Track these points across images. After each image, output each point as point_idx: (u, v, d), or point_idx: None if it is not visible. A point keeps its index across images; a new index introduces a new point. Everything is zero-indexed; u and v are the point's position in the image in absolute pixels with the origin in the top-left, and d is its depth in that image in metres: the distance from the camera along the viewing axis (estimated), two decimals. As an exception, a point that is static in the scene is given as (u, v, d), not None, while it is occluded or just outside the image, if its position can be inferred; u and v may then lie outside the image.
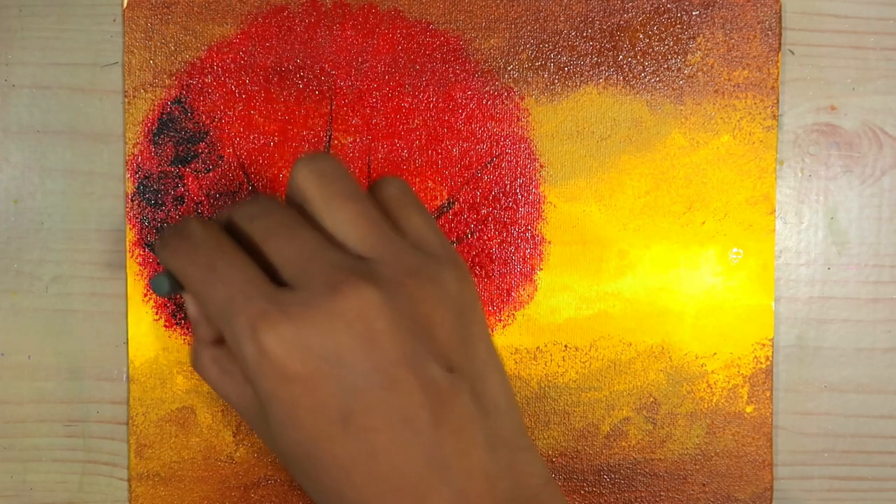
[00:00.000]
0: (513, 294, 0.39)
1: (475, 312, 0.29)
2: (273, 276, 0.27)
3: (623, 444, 0.39)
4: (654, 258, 0.39)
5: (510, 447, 0.28)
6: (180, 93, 0.39)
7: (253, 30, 0.39)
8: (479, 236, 0.39)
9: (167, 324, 0.39)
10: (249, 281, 0.27)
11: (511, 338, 0.39)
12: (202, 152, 0.39)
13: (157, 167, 0.39)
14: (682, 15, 0.39)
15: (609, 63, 0.39)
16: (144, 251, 0.39)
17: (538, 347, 0.39)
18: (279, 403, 0.26)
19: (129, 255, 0.39)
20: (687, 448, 0.39)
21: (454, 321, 0.28)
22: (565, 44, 0.39)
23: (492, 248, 0.39)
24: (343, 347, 0.26)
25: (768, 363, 0.39)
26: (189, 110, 0.39)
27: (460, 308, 0.28)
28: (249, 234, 0.28)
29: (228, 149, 0.39)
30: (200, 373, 0.30)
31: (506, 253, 0.39)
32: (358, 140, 0.39)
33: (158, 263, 0.29)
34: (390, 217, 0.30)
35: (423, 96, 0.39)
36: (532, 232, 0.39)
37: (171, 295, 0.29)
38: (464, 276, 0.29)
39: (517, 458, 0.28)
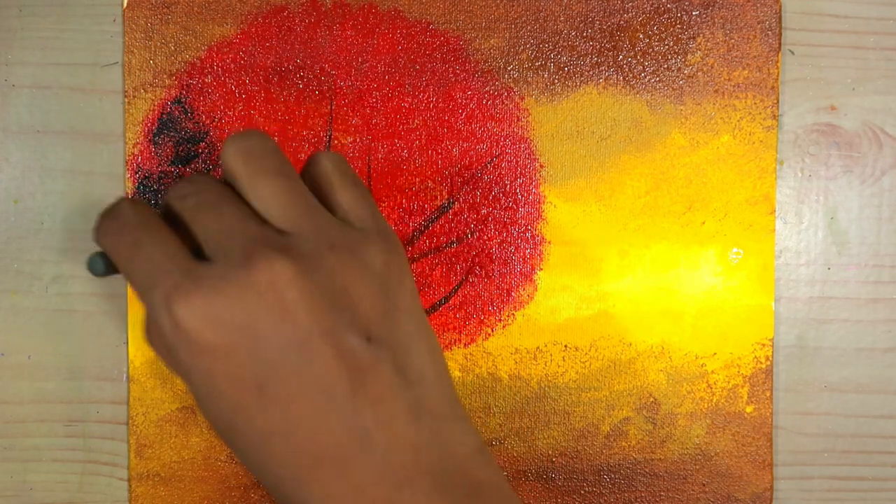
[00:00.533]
0: (513, 294, 0.39)
1: (402, 285, 0.29)
2: (201, 253, 0.28)
3: (623, 444, 0.39)
4: (654, 258, 0.39)
5: (437, 417, 0.28)
6: (180, 93, 0.39)
7: (253, 30, 0.39)
8: (479, 236, 0.39)
9: (167, 324, 0.39)
10: (169, 256, 0.27)
11: (511, 338, 0.39)
12: (202, 152, 0.39)
13: (157, 167, 0.39)
14: (682, 15, 0.39)
15: (609, 63, 0.39)
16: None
17: (538, 347, 0.39)
18: (197, 375, 0.27)
19: (129, 255, 0.39)
20: (687, 448, 0.39)
21: (376, 293, 0.28)
22: (565, 44, 0.39)
23: (492, 248, 0.39)
24: (255, 318, 0.26)
25: (768, 363, 0.39)
26: (189, 110, 0.39)
27: (384, 281, 0.28)
28: (180, 212, 0.29)
29: (228, 149, 0.39)
30: (150, 346, 0.31)
31: (506, 253, 0.39)
32: (358, 140, 0.39)
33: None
34: (321, 192, 0.30)
35: (423, 96, 0.39)
36: (532, 232, 0.39)
37: (107, 275, 0.29)
38: (391, 248, 0.29)
39: (445, 427, 0.28)
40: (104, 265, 0.30)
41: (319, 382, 0.26)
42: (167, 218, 0.29)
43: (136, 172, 0.39)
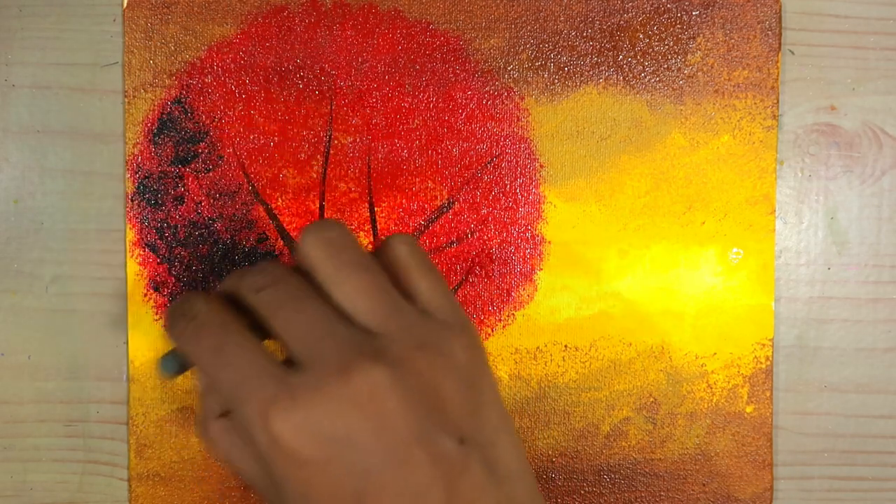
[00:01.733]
0: (513, 294, 0.39)
1: (485, 378, 0.29)
2: (280, 348, 0.27)
3: (623, 444, 0.39)
4: (654, 258, 0.39)
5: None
6: (180, 93, 0.39)
7: (253, 30, 0.39)
8: (479, 236, 0.39)
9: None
10: (258, 365, 0.26)
11: (511, 338, 0.39)
12: (202, 152, 0.39)
13: (157, 167, 0.39)
14: (682, 15, 0.39)
15: (609, 63, 0.39)
16: (144, 251, 0.39)
17: (538, 347, 0.39)
18: (293, 486, 0.26)
19: (129, 255, 0.39)
20: (687, 448, 0.39)
21: (464, 391, 0.27)
22: (565, 44, 0.39)
23: (492, 248, 0.39)
24: (354, 430, 0.26)
25: (768, 363, 0.39)
26: (189, 110, 0.39)
27: (470, 376, 0.28)
28: (255, 305, 0.28)
29: (228, 149, 0.39)
30: (209, 444, 0.30)
31: (506, 253, 0.39)
32: (358, 140, 0.39)
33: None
34: (399, 280, 0.29)
35: (423, 96, 0.39)
36: (532, 232, 0.39)
37: (180, 374, 0.29)
38: (473, 342, 0.29)
39: None
40: (178, 365, 0.29)
41: (415, 489, 0.26)
42: (236, 305, 0.28)
43: (136, 172, 0.39)
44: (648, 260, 0.39)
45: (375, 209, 0.39)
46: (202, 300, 0.29)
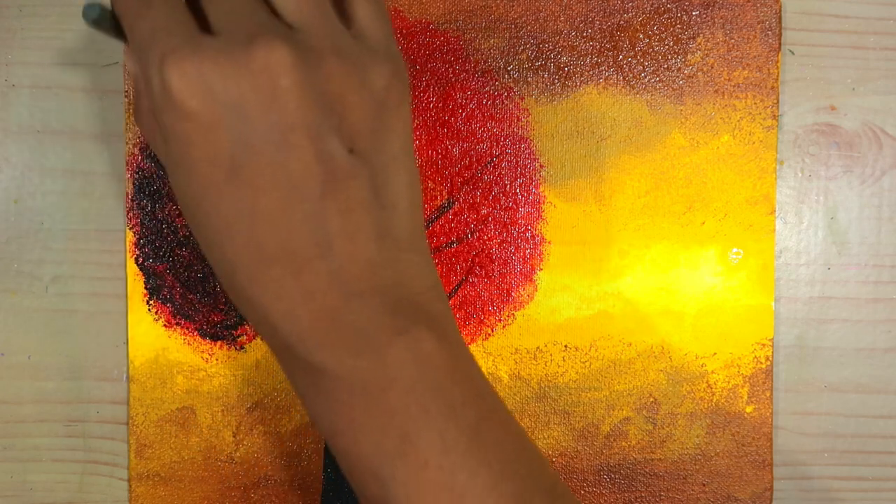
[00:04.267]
0: (513, 294, 0.39)
1: (399, 111, 0.29)
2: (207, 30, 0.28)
3: (623, 444, 0.39)
4: (654, 258, 0.39)
5: (400, 245, 0.28)
6: (180, 93, 0.39)
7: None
8: (479, 236, 0.39)
9: (167, 324, 0.39)
10: (174, 20, 0.27)
11: (511, 338, 0.39)
12: (202, 152, 0.39)
13: (157, 167, 0.39)
14: (682, 15, 0.39)
15: (609, 63, 0.39)
16: (144, 251, 0.39)
17: (538, 347, 0.39)
18: (175, 142, 0.26)
19: (129, 255, 0.39)
20: (687, 448, 0.39)
21: (369, 111, 0.28)
22: (565, 44, 0.39)
23: (492, 248, 0.39)
24: (244, 98, 0.26)
25: (768, 363, 0.39)
26: (189, 110, 0.39)
27: (382, 102, 0.28)
28: None
29: (228, 149, 0.39)
30: (139, 126, 0.30)
31: (506, 253, 0.39)
32: (358, 140, 0.39)
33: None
34: (339, 4, 0.29)
35: (423, 96, 0.39)
36: (532, 232, 0.39)
37: (98, 26, 0.29)
38: (396, 73, 0.29)
39: (406, 257, 0.28)
40: (99, 13, 0.29)
41: (293, 177, 0.26)
42: None
43: (136, 172, 0.39)
44: (648, 260, 0.39)
45: (375, 209, 0.39)
46: None
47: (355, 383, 0.27)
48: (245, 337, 0.39)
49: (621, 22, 0.39)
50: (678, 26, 0.39)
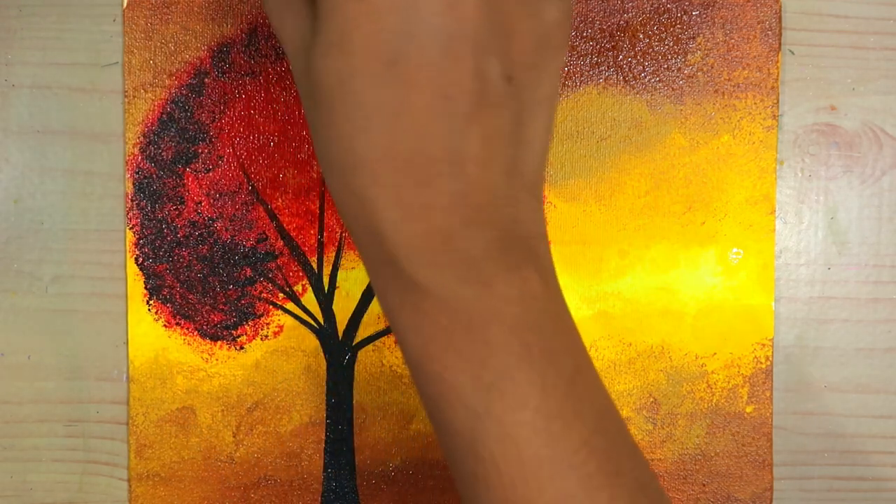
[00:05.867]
0: (513, 294, 0.39)
1: (558, 52, 0.28)
2: None
3: (623, 444, 0.39)
4: (654, 258, 0.39)
5: (526, 186, 0.27)
6: (180, 93, 0.39)
7: (253, 29, 0.39)
8: (479, 236, 0.39)
9: (167, 324, 0.39)
10: None
11: (511, 338, 0.39)
12: (202, 152, 0.39)
13: (156, 167, 0.39)
14: (682, 15, 0.39)
15: (609, 63, 0.39)
16: (144, 251, 0.39)
17: (538, 347, 0.39)
18: (337, 21, 0.25)
19: (129, 255, 0.39)
20: (687, 448, 0.39)
21: (534, 43, 0.27)
22: (565, 44, 0.39)
23: (492, 248, 0.39)
24: None
25: (768, 363, 0.39)
26: (189, 110, 0.39)
27: (546, 39, 0.27)
28: None
29: (228, 149, 0.39)
30: (264, 5, 0.29)
31: (506, 253, 0.39)
32: (358, 140, 0.39)
33: None
34: None
35: (423, 96, 0.39)
36: (532, 232, 0.39)
37: None
38: (566, 12, 0.28)
39: (527, 198, 0.27)
40: None
41: (447, 87, 0.25)
42: None
43: (136, 172, 0.39)
44: (648, 260, 0.39)
45: (375, 209, 0.39)
46: None
47: (459, 310, 0.26)
48: (245, 337, 0.39)
49: (621, 22, 0.39)
50: (678, 26, 0.39)
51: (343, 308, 0.39)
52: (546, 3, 0.27)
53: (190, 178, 0.39)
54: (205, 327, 0.39)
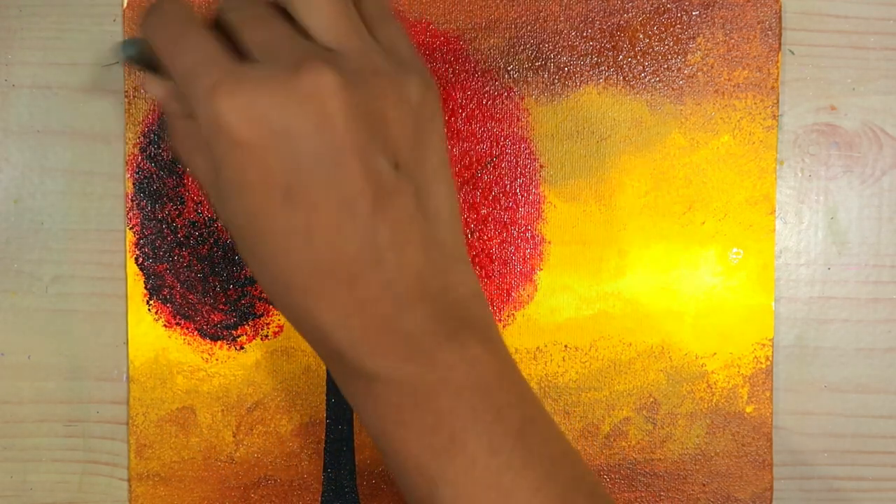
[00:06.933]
0: (513, 294, 0.39)
1: (434, 124, 0.30)
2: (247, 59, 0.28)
3: (623, 444, 0.39)
4: (654, 258, 0.39)
5: (445, 254, 0.29)
6: (180, 93, 0.39)
7: (253, 30, 0.39)
8: (479, 236, 0.39)
9: (167, 324, 0.39)
10: (212, 51, 0.27)
11: (511, 338, 0.39)
12: (202, 152, 0.39)
13: (157, 167, 0.39)
14: (682, 15, 0.39)
15: (609, 63, 0.39)
16: (144, 251, 0.39)
17: (538, 347, 0.39)
18: (228, 170, 0.27)
19: (129, 255, 0.39)
20: (687, 448, 0.39)
21: (410, 125, 0.28)
22: (565, 44, 0.39)
23: (492, 248, 0.39)
24: (294, 123, 0.26)
25: (768, 363, 0.39)
26: (189, 110, 0.39)
27: (419, 115, 0.29)
28: (228, 22, 0.29)
29: (228, 149, 0.39)
30: (173, 147, 0.31)
31: (506, 253, 0.39)
32: (358, 140, 0.39)
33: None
34: (368, 24, 0.30)
35: (423, 96, 0.39)
36: (532, 232, 0.39)
37: (135, 62, 0.30)
38: (428, 86, 0.29)
39: (450, 264, 0.29)
40: (136, 50, 0.30)
41: (344, 194, 0.27)
42: (215, 28, 0.29)
43: (136, 172, 0.39)
44: (648, 260, 0.39)
45: (375, 209, 0.39)
46: (173, 1, 0.30)
47: (406, 386, 0.28)
48: (245, 337, 0.39)
49: (621, 22, 0.39)
50: (678, 26, 0.39)
51: (343, 308, 0.39)
52: (408, 83, 0.29)
53: (190, 178, 0.39)
54: (205, 327, 0.39)
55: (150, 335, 0.39)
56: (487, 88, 0.39)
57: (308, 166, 0.27)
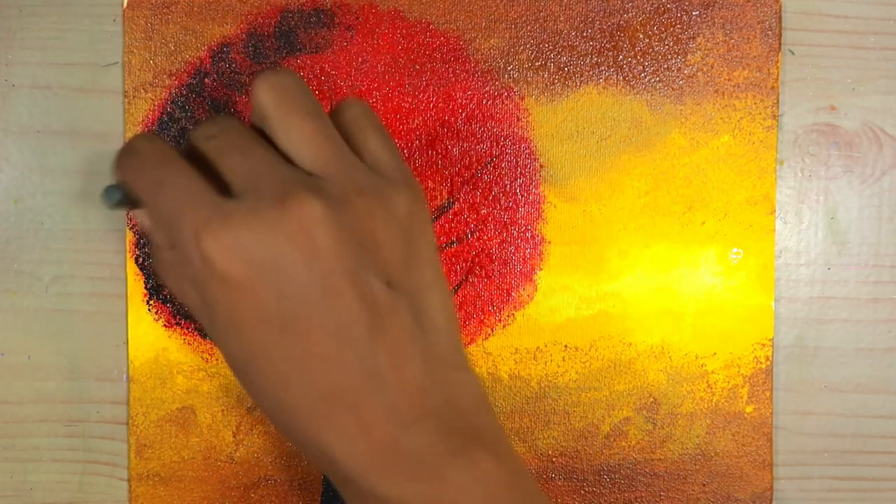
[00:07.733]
0: (513, 294, 0.39)
1: (424, 235, 0.30)
2: (227, 193, 0.28)
3: (623, 444, 0.39)
4: (654, 258, 0.39)
5: (445, 365, 0.29)
6: (180, 93, 0.39)
7: (253, 30, 0.39)
8: (479, 236, 0.39)
9: (167, 324, 0.39)
10: (195, 191, 0.27)
11: (511, 338, 0.39)
12: (202, 152, 0.39)
13: (157, 167, 0.39)
14: (682, 15, 0.39)
15: (609, 63, 0.39)
16: (144, 251, 0.39)
17: (538, 347, 0.39)
18: (222, 308, 0.27)
19: (129, 255, 0.39)
20: (687, 448, 0.39)
21: (399, 241, 0.28)
22: (565, 44, 0.39)
23: (492, 248, 0.39)
24: (283, 257, 0.26)
25: (768, 363, 0.39)
26: (189, 110, 0.39)
27: (408, 229, 0.29)
28: (206, 152, 0.29)
29: (228, 149, 0.39)
30: (161, 278, 0.31)
31: (506, 253, 0.39)
32: (358, 140, 0.39)
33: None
34: (349, 138, 0.30)
35: (423, 96, 0.39)
36: (532, 232, 0.39)
37: (121, 207, 0.30)
38: (415, 198, 0.29)
39: (452, 376, 0.29)
40: (120, 195, 0.30)
41: (340, 322, 0.27)
42: (190, 157, 0.29)
43: (136, 172, 0.39)
44: (648, 260, 0.39)
45: (375, 209, 0.39)
46: (144, 138, 0.30)
47: None
48: (245, 337, 0.39)
49: (621, 22, 0.39)
50: (678, 26, 0.39)
51: (343, 308, 0.39)
52: (394, 197, 0.29)
53: (190, 178, 0.39)
54: (205, 327, 0.39)
55: (150, 335, 0.39)
56: (487, 88, 0.39)
57: (301, 298, 0.26)
